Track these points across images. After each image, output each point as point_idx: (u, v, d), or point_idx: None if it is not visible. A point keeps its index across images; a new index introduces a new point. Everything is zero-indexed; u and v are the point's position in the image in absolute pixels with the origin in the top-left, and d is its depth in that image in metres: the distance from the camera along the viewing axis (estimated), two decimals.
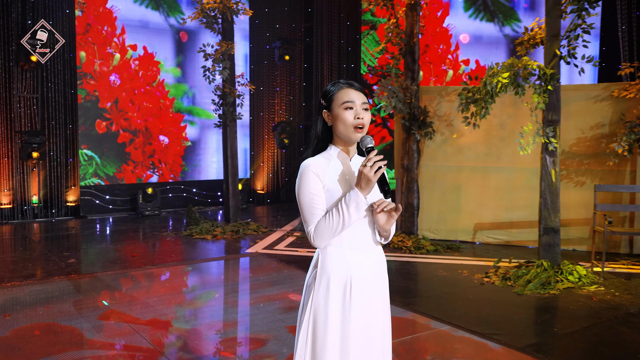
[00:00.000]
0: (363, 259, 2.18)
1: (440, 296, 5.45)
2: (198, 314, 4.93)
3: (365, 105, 2.20)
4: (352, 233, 2.17)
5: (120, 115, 10.49)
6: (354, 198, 2.07)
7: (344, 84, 2.20)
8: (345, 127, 2.16)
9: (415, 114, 7.72)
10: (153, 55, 10.78)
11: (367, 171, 2.03)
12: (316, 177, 2.16)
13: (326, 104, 2.23)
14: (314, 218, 2.15)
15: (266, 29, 12.29)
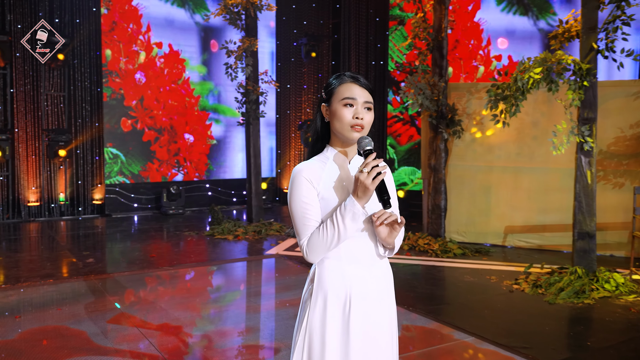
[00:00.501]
0: (364, 274, 1.95)
1: (466, 304, 5.16)
2: (210, 319, 4.76)
3: (369, 104, 1.96)
4: (352, 245, 1.94)
5: (145, 113, 10.44)
6: (349, 208, 1.84)
7: (348, 78, 1.97)
8: (341, 125, 1.93)
9: (442, 111, 7.41)
10: (178, 52, 10.70)
11: (364, 178, 1.79)
12: (309, 183, 1.93)
13: (326, 97, 2.01)
14: (306, 230, 1.93)
15: (293, 26, 12.10)
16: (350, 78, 1.97)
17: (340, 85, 1.97)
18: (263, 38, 11.79)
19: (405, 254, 7.15)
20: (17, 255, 6.97)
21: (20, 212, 9.80)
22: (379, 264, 2.00)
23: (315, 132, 2.07)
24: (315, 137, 2.07)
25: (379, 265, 2.00)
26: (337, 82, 1.98)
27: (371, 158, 1.82)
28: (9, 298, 5.19)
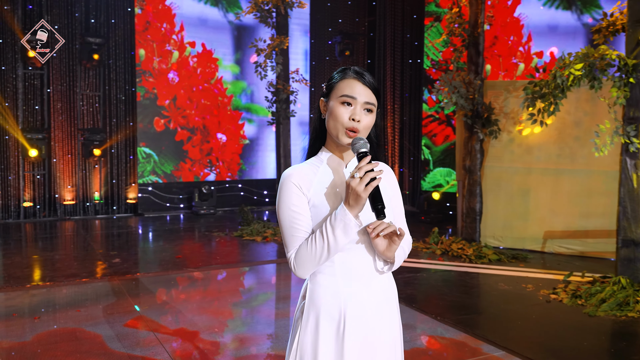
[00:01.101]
0: (361, 291, 1.74)
1: (498, 314, 4.87)
2: (227, 325, 4.61)
3: (370, 106, 1.74)
4: (347, 259, 1.74)
5: (178, 112, 10.44)
6: (340, 218, 1.63)
7: (352, 73, 1.75)
8: (335, 124, 1.72)
9: (478, 110, 7.09)
10: (211, 52, 10.66)
11: (356, 184, 1.58)
12: (298, 190, 1.73)
13: (326, 91, 1.80)
14: (294, 242, 1.73)
15: (328, 24, 11.91)
16: (354, 73, 1.76)
17: (342, 80, 1.76)
18: (297, 36, 11.64)
19: (437, 259, 6.87)
20: (46, 254, 7.01)
21: (56, 210, 9.92)
22: (379, 279, 1.78)
23: (314, 130, 1.87)
24: (314, 136, 1.87)
25: (379, 281, 1.78)
26: (339, 77, 1.78)
27: (365, 162, 1.61)
28: (31, 298, 5.16)
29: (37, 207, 9.81)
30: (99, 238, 8.29)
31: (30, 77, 9.63)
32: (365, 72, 1.76)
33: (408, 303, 5.05)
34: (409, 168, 11.11)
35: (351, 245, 1.72)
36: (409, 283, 5.76)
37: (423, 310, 4.86)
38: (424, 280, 5.95)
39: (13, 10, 9.35)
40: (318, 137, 1.86)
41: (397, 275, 6.03)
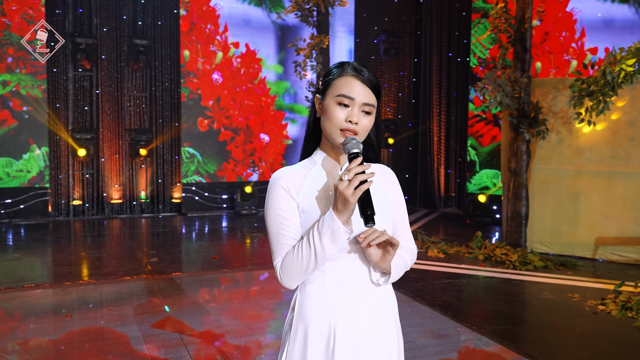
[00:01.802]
0: (353, 305, 1.59)
1: (539, 326, 4.59)
2: (255, 328, 4.53)
3: (369, 107, 1.58)
4: (339, 269, 1.60)
5: (221, 113, 10.49)
6: (327, 224, 1.49)
7: (350, 70, 1.60)
8: (331, 125, 1.58)
9: (525, 110, 6.77)
10: (255, 52, 10.66)
11: (344, 187, 1.43)
12: (286, 193, 1.60)
13: (322, 88, 1.66)
14: (280, 249, 1.60)
15: (373, 23, 11.73)
16: (352, 70, 1.61)
17: (339, 77, 1.61)
18: (341, 35, 11.52)
19: (479, 264, 6.60)
20: (88, 253, 7.14)
21: (104, 208, 10.15)
22: (374, 292, 1.63)
23: (308, 129, 1.74)
24: (308, 135, 1.74)
25: (374, 293, 1.63)
26: (336, 73, 1.63)
27: (355, 163, 1.46)
28: (67, 296, 5.24)
29: (85, 206, 10.06)
30: (141, 237, 8.40)
31: (80, 79, 9.89)
32: (365, 68, 1.61)
33: (443, 310, 4.84)
34: (455, 169, 10.80)
35: (343, 254, 1.58)
36: (447, 289, 5.53)
37: (458, 319, 4.64)
38: (462, 286, 5.71)
39: (64, 14, 9.62)
40: (312, 137, 1.73)
41: (434, 280, 5.82)
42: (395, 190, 1.75)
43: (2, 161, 9.16)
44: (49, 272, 6.18)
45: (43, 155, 9.48)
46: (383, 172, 1.76)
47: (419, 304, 5.07)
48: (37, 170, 9.44)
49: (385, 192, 1.72)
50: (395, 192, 1.75)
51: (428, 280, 5.84)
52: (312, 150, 1.73)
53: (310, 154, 1.72)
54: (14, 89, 9.18)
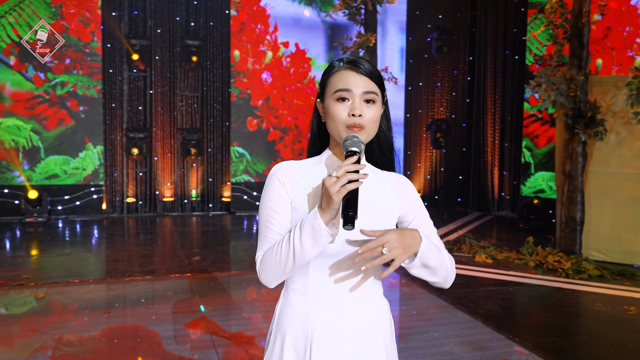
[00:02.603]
0: (334, 318, 1.48)
1: (588, 340, 4.30)
2: None
3: (370, 95, 1.48)
4: (323, 277, 1.49)
5: (270, 113, 10.51)
6: (310, 222, 1.38)
7: (344, 64, 1.51)
8: (335, 125, 1.49)
9: (581, 109, 6.40)
10: (305, 51, 10.62)
11: (330, 184, 1.33)
12: (281, 186, 1.52)
13: (320, 91, 1.57)
14: (264, 243, 1.52)
15: (427, 20, 11.47)
16: (346, 64, 1.51)
17: (334, 74, 1.52)
18: (392, 34, 11.32)
19: (529, 271, 6.29)
20: (135, 250, 7.28)
21: (156, 206, 10.37)
22: (362, 308, 1.51)
23: (312, 135, 1.65)
24: (313, 141, 1.65)
25: (362, 310, 1.51)
26: (330, 71, 1.54)
27: (349, 161, 1.36)
28: (108, 292, 5.33)
29: (139, 203, 10.30)
30: (189, 235, 8.51)
31: (134, 79, 10.13)
32: (361, 59, 1.51)
33: (485, 320, 4.62)
34: (509, 171, 10.40)
35: (330, 260, 1.47)
36: (491, 297, 5.29)
37: (500, 329, 4.41)
38: (509, 294, 5.44)
39: (120, 17, 9.88)
40: (317, 141, 1.64)
41: (478, 287, 5.58)
42: (407, 200, 1.61)
43: (59, 159, 9.50)
44: (95, 268, 6.33)
45: (98, 154, 9.77)
46: (395, 182, 1.63)
47: (460, 311, 4.86)
48: (92, 168, 9.74)
49: (393, 203, 1.59)
50: (410, 202, 1.61)
51: (472, 287, 5.61)
52: (318, 151, 1.64)
53: (318, 153, 1.64)
54: (72, 89, 9.50)
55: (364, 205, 1.51)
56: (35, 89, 9.27)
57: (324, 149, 1.63)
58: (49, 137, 9.40)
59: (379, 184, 1.59)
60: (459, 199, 11.70)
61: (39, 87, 9.29)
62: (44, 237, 7.93)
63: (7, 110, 9.15)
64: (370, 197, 1.54)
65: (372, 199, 1.55)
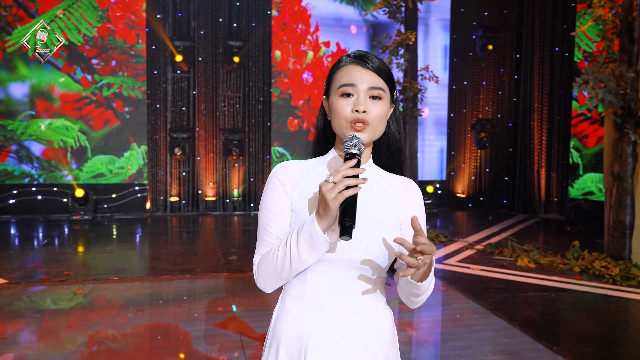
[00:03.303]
0: (331, 326, 1.41)
1: (633, 351, 4.07)
2: None
3: (377, 91, 1.41)
4: (321, 283, 1.43)
5: (311, 112, 10.49)
6: (307, 228, 1.32)
7: (351, 59, 1.45)
8: (339, 121, 1.43)
9: (631, 108, 6.10)
10: (346, 51, 10.55)
11: (326, 190, 1.26)
12: (282, 187, 1.46)
13: (326, 87, 1.52)
14: (262, 246, 1.47)
15: (472, 18, 11.20)
16: (352, 59, 1.45)
17: (340, 69, 1.46)
18: (436, 32, 11.12)
19: (574, 277, 6.03)
20: (174, 248, 7.38)
21: (199, 205, 10.51)
22: (360, 317, 1.44)
23: (318, 133, 1.59)
24: (318, 139, 1.60)
25: (360, 319, 1.44)
26: (336, 67, 1.49)
27: (347, 165, 1.28)
28: (144, 290, 5.41)
29: (182, 202, 10.46)
30: (228, 234, 8.58)
31: (178, 80, 10.28)
32: (368, 54, 1.44)
33: (523, 326, 4.44)
34: (557, 172, 10.04)
35: (329, 265, 1.41)
36: (531, 303, 5.09)
37: (538, 337, 4.23)
38: (550, 301, 5.22)
39: (164, 19, 10.06)
40: (322, 139, 1.58)
41: (518, 293, 5.38)
42: (412, 208, 1.53)
43: (105, 158, 9.74)
44: (134, 266, 6.43)
45: (142, 154, 9.98)
46: (402, 186, 1.55)
47: (497, 317, 4.70)
48: (137, 167, 9.94)
49: (398, 208, 1.51)
50: (413, 210, 1.53)
51: (511, 292, 5.41)
52: (324, 150, 1.59)
53: (323, 153, 1.58)
54: (117, 90, 9.73)
55: (367, 209, 1.45)
56: (83, 90, 9.54)
57: (330, 149, 1.57)
58: (96, 137, 9.66)
59: (385, 187, 1.52)
60: (504, 201, 11.39)
61: (87, 88, 9.55)
62: (88, 235, 8.14)
63: (56, 111, 9.46)
64: (375, 200, 1.47)
65: (377, 203, 1.48)
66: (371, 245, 1.41)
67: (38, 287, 5.42)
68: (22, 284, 5.46)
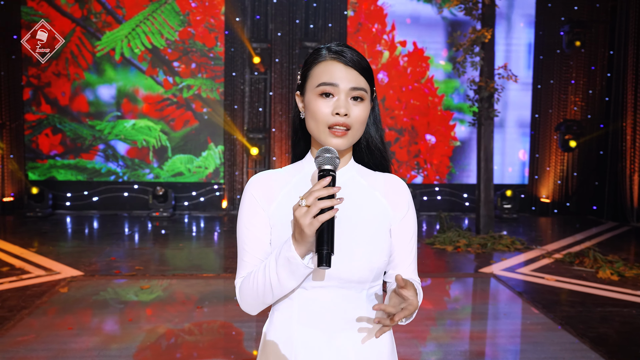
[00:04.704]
0: (320, 345, 1.33)
1: None
2: None
3: (359, 92, 1.31)
4: (309, 298, 1.35)
5: (386, 113, 10.33)
6: (284, 254, 1.24)
7: (329, 54, 1.34)
8: (316, 124, 1.33)
9: None
10: (423, 50, 10.30)
11: (300, 215, 1.17)
12: (256, 203, 1.38)
13: (300, 82, 1.42)
14: (242, 268, 1.40)
15: (560, 13, 10.57)
16: (331, 53, 1.34)
17: (317, 64, 1.36)
18: (519, 29, 10.61)
19: None
20: None
21: None
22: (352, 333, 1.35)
23: (294, 132, 1.50)
24: (295, 139, 1.50)
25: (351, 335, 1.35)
26: (313, 61, 1.38)
27: (320, 185, 1.18)
28: (207, 287, 5.51)
29: None
30: None
31: (255, 82, 10.46)
32: (347, 48, 1.33)
33: (594, 344, 4.10)
34: None
35: (317, 281, 1.32)
36: (607, 319, 4.70)
37: (610, 357, 3.89)
38: (630, 317, 4.80)
39: (243, 21, 10.26)
40: (301, 140, 1.48)
41: (594, 307, 4.99)
42: (401, 209, 1.42)
43: (184, 158, 10.08)
44: (203, 263, 6.58)
45: (219, 153, 10.23)
46: (388, 185, 1.43)
47: (566, 333, 4.38)
48: (214, 167, 10.21)
49: (384, 211, 1.39)
50: (402, 211, 1.42)
51: (587, 306, 5.03)
52: (301, 154, 1.49)
53: (301, 157, 1.48)
54: (196, 92, 10.04)
55: (351, 218, 1.34)
56: (165, 92, 9.92)
57: (305, 152, 1.47)
58: (176, 137, 10.01)
59: (368, 189, 1.40)
60: (593, 207, 10.68)
61: (168, 90, 9.92)
62: (165, 231, 8.44)
63: (140, 112, 9.90)
64: (359, 207, 1.37)
65: (361, 209, 1.37)
66: (357, 257, 1.31)
67: (109, 280, 5.66)
68: (96, 276, 5.73)
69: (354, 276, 1.31)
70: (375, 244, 1.34)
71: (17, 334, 4.10)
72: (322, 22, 10.40)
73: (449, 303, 5.40)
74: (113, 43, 9.77)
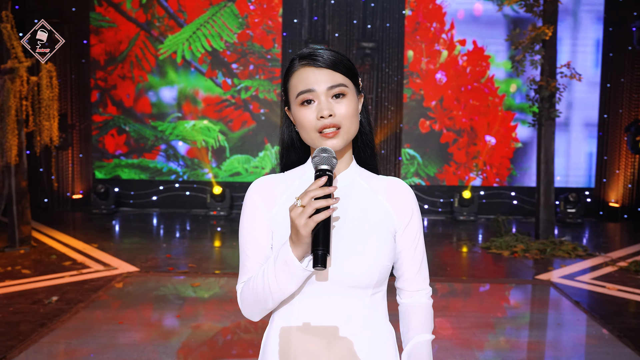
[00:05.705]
0: (318, 350, 1.31)
1: None
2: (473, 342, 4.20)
3: (338, 89, 1.29)
4: (309, 303, 1.32)
5: (444, 114, 10.13)
6: (282, 256, 1.23)
7: (300, 61, 1.32)
8: (307, 133, 1.32)
9: None
10: (483, 49, 10.04)
11: (295, 216, 1.16)
12: (257, 207, 1.37)
13: (284, 97, 1.41)
14: (243, 273, 1.39)
15: (633, 7, 10.04)
16: (302, 60, 1.32)
17: (292, 75, 1.35)
18: (586, 25, 10.15)
19: None
20: None
21: None
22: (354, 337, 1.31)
23: (283, 145, 1.48)
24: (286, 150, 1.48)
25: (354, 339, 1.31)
26: (288, 73, 1.37)
27: (316, 184, 1.17)
28: None
29: None
30: None
31: None
32: (318, 49, 1.30)
33: None
34: None
35: (317, 285, 1.30)
36: None
37: None
38: None
39: (300, 22, 10.33)
40: (291, 152, 1.46)
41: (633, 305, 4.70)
42: (405, 214, 1.37)
43: (242, 158, 10.25)
44: None
45: (275, 154, 10.34)
46: (391, 189, 1.40)
47: (624, 346, 4.14)
48: (270, 167, 10.33)
49: (388, 216, 1.36)
50: (407, 216, 1.38)
51: None
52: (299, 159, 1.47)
53: (301, 162, 1.47)
54: (254, 93, 10.19)
55: (353, 221, 1.32)
56: (223, 93, 10.13)
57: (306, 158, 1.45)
58: (234, 138, 10.20)
59: (370, 193, 1.37)
60: None
61: (226, 91, 10.12)
62: (222, 230, 8.61)
63: (200, 113, 10.15)
64: (361, 210, 1.33)
65: (364, 213, 1.34)
66: (360, 261, 1.28)
67: (163, 276, 5.83)
68: (150, 273, 5.92)
69: (356, 281, 1.29)
70: (378, 248, 1.30)
71: (71, 327, 4.29)
72: (379, 22, 10.32)
73: (502, 310, 5.22)
74: (175, 46, 10.06)
